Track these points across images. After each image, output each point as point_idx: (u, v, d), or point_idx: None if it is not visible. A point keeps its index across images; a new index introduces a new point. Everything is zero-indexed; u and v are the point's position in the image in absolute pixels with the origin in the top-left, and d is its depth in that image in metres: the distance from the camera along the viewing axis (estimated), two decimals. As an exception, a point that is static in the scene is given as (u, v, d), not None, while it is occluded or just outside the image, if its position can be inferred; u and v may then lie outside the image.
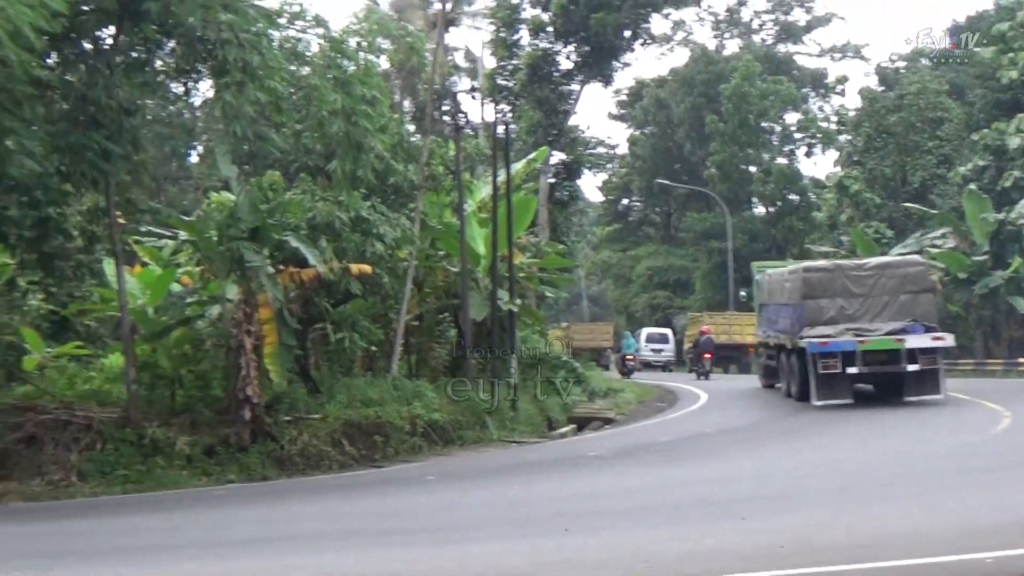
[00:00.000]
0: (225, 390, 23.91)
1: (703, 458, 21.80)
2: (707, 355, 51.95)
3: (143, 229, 29.46)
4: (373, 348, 27.69)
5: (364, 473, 22.75)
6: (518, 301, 32.36)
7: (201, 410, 23.63)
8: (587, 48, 56.08)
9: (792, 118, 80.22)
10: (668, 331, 68.46)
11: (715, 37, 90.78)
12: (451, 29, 59.80)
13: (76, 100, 20.92)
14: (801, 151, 79.68)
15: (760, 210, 79.31)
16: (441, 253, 32.21)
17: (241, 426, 22.60)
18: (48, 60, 20.56)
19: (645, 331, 68.36)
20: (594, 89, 77.97)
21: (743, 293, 65.45)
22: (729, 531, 11.78)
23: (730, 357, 59.27)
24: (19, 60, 16.68)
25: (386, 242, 27.01)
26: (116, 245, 23.90)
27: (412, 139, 33.41)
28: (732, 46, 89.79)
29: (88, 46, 21.82)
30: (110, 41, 21.87)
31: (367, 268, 26.10)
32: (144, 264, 28.83)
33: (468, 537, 12.56)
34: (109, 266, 26.58)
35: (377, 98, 25.79)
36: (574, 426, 31.47)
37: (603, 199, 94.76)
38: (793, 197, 74.84)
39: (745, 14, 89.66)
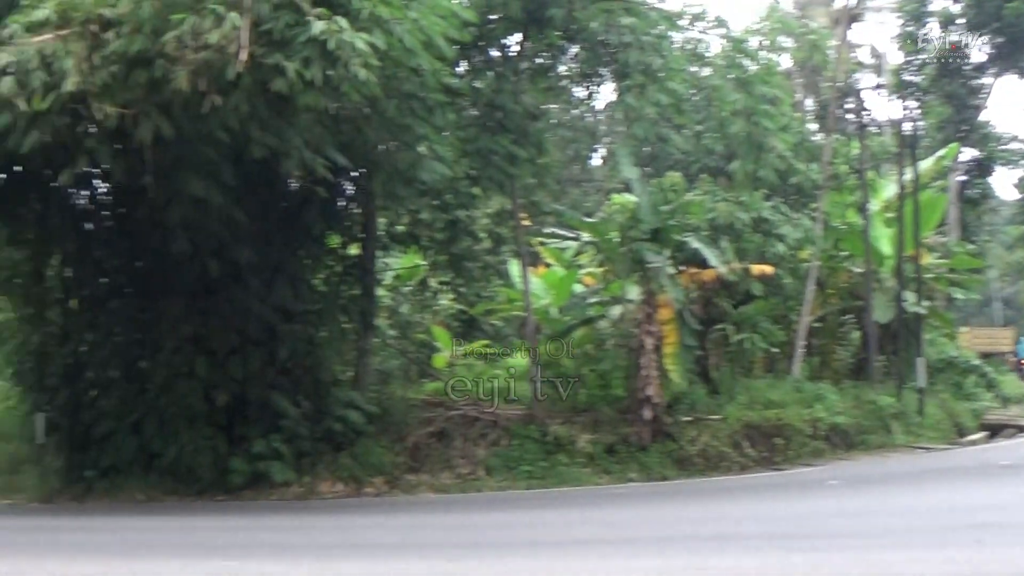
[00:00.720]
0: (626, 389, 24.12)
1: None
2: None
3: (547, 231, 30.26)
4: (774, 349, 27.36)
5: (764, 475, 22.49)
6: (925, 303, 31.21)
7: (602, 409, 23.91)
8: (1001, 39, 53.48)
9: None
10: None
11: None
12: (855, 25, 58.41)
13: (484, 106, 21.63)
14: None
15: None
16: (844, 254, 31.48)
17: (641, 425, 22.74)
18: (458, 68, 21.27)
19: None
20: (1009, 81, 74.40)
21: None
22: None
23: None
24: (431, 69, 17.34)
25: (788, 243, 26.71)
26: (521, 247, 24.60)
27: (814, 138, 32.91)
28: None
29: (495, 54, 22.53)
30: (516, 48, 22.50)
31: (768, 269, 25.87)
32: (548, 265, 29.59)
33: (874, 544, 12.14)
34: (514, 267, 27.42)
35: (779, 97, 25.51)
36: (986, 433, 30.13)
37: (1018, 197, 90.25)
38: None
39: None
